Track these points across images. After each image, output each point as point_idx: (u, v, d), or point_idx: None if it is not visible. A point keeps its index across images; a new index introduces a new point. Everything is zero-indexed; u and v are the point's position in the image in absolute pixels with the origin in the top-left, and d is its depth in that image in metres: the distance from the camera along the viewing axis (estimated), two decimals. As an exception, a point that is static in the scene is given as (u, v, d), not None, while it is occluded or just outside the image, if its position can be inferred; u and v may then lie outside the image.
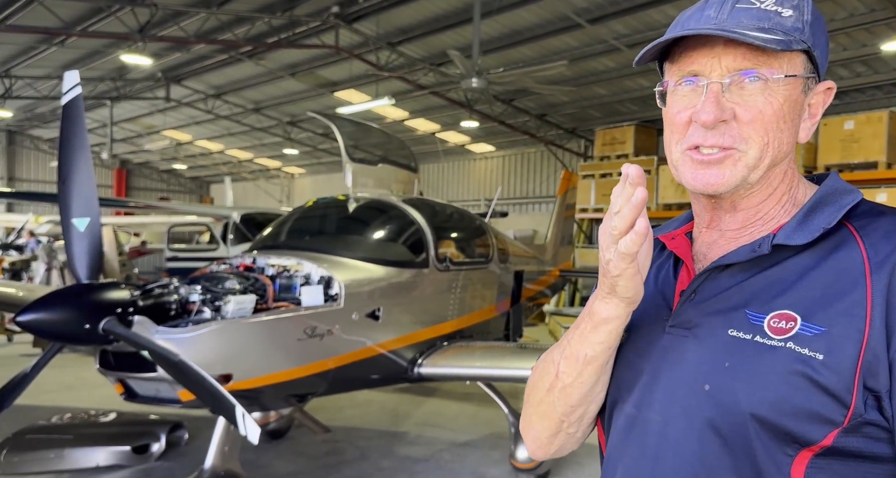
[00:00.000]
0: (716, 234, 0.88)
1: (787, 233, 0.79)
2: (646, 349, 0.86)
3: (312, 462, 4.59)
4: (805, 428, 0.72)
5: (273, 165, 24.56)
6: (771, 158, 0.80)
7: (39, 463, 4.26)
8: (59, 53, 13.25)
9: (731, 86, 0.78)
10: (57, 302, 2.42)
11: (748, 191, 0.83)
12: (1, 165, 25.25)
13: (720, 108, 0.77)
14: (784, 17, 0.78)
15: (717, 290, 0.82)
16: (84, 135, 2.73)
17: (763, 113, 0.78)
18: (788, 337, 0.74)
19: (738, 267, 0.82)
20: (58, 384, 6.56)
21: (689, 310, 0.84)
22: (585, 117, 14.22)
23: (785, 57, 0.78)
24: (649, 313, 0.88)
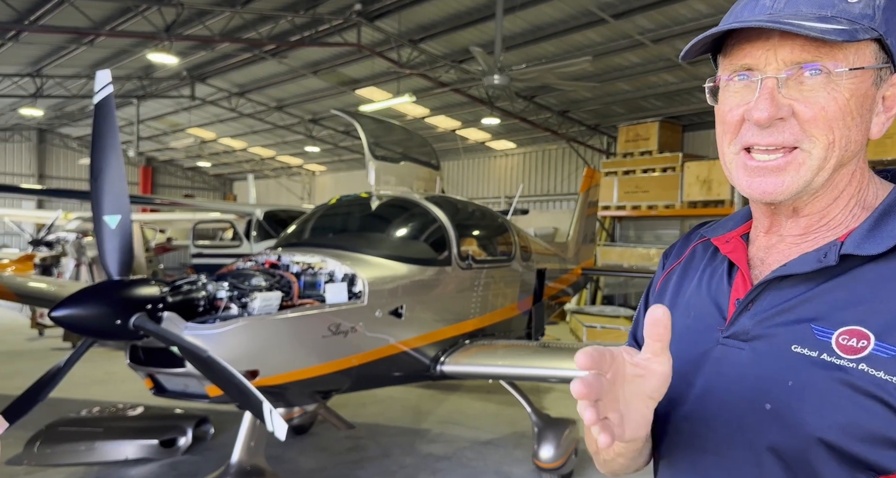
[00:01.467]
0: (775, 238, 0.82)
1: (856, 241, 0.73)
2: (697, 360, 0.80)
3: (335, 458, 4.63)
4: (879, 455, 0.66)
5: (295, 162, 24.78)
6: (837, 159, 0.73)
7: (72, 455, 4.36)
8: (87, 53, 13.53)
9: (788, 81, 0.71)
10: (89, 298, 2.46)
11: (812, 196, 0.76)
12: (32, 162, 25.90)
13: (775, 106, 0.71)
14: (851, 4, 0.71)
15: (779, 301, 0.76)
16: (116, 133, 2.77)
17: (826, 109, 0.71)
18: (861, 357, 0.68)
19: (801, 277, 0.75)
20: (87, 378, 6.70)
21: (746, 321, 0.77)
22: (608, 113, 14.07)
23: (851, 48, 0.71)
24: (701, 322, 0.82)
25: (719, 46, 0.79)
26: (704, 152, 12.86)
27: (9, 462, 4.27)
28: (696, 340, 0.82)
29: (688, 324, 0.84)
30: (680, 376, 0.80)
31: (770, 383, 0.73)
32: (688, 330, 0.83)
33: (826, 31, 0.68)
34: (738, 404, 0.74)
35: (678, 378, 0.80)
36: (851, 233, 0.75)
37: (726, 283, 0.83)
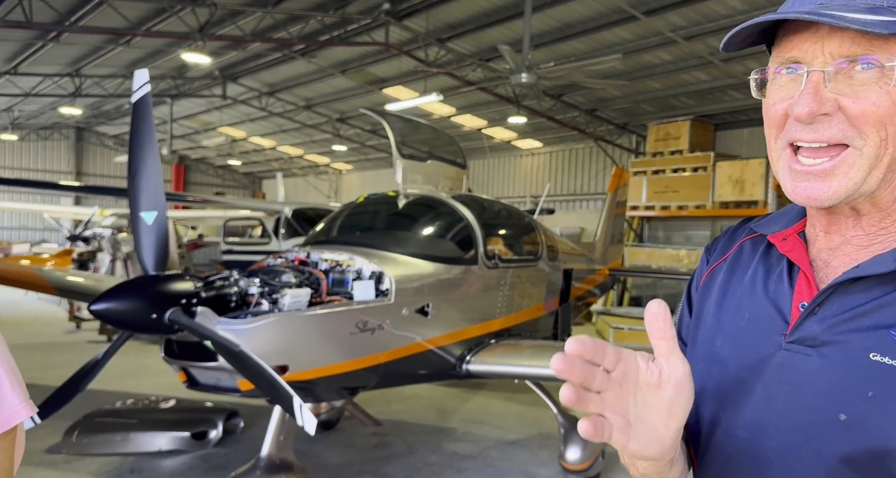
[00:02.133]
0: (838, 239, 0.77)
1: None
2: (756, 365, 0.75)
3: (362, 454, 4.67)
4: None
5: (322, 161, 25.06)
6: (892, 157, 0.68)
7: (107, 445, 4.48)
8: (124, 53, 13.89)
9: (837, 75, 0.68)
10: (127, 292, 2.54)
11: (868, 196, 0.71)
12: (70, 160, 26.73)
13: (818, 101, 0.68)
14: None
15: (851, 305, 0.71)
16: (152, 131, 2.84)
17: (878, 105, 0.66)
18: None
19: (875, 279, 0.70)
20: (122, 371, 6.88)
21: (814, 326, 0.72)
22: (638, 112, 13.89)
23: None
24: (758, 324, 0.78)
25: (772, 38, 0.75)
26: (737, 152, 12.60)
27: (48, 451, 4.42)
28: (754, 344, 0.77)
29: (742, 326, 0.79)
30: (736, 382, 0.77)
31: (846, 392, 0.68)
32: (744, 332, 0.79)
33: (872, 24, 0.64)
34: (807, 413, 0.70)
35: (734, 384, 0.77)
36: None
37: (787, 284, 0.78)
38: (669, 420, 0.64)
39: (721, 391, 0.78)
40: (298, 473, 3.51)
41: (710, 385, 0.80)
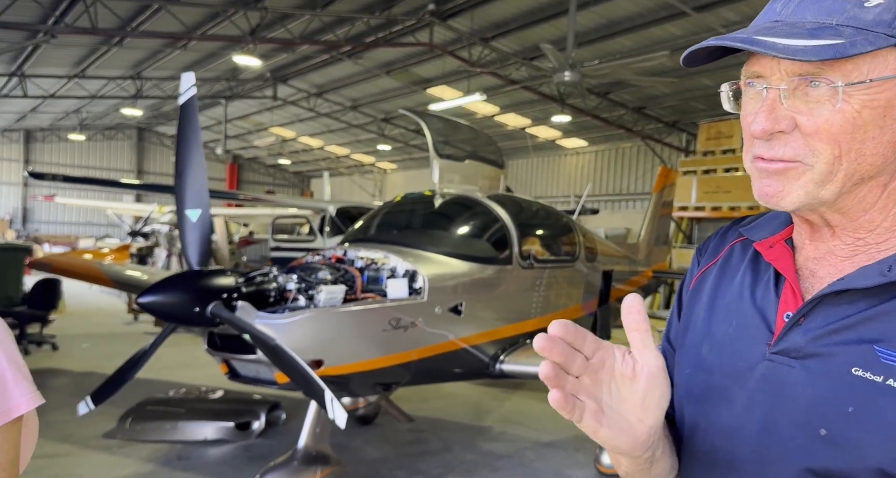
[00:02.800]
0: (822, 247, 0.75)
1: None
2: (740, 374, 0.75)
3: (398, 450, 4.74)
4: None
5: (367, 160, 25.45)
6: (847, 173, 0.67)
7: (158, 432, 4.70)
8: (181, 56, 14.49)
9: (794, 91, 0.67)
10: (171, 286, 2.66)
11: (831, 208, 0.71)
12: (132, 159, 28.08)
13: (773, 119, 0.67)
14: (866, 9, 0.65)
15: (835, 318, 0.70)
16: (198, 132, 2.96)
17: (830, 123, 0.66)
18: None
19: (860, 292, 0.69)
20: (175, 362, 7.19)
21: (799, 337, 0.71)
22: (688, 110, 13.51)
23: (866, 57, 0.64)
24: (744, 332, 0.77)
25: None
26: (793, 150, 12.07)
27: (105, 435, 4.67)
28: (739, 353, 0.76)
29: (730, 333, 0.78)
30: (719, 390, 0.77)
31: (826, 407, 0.67)
32: (730, 340, 0.78)
33: (801, 51, 0.63)
34: (787, 425, 0.70)
35: (717, 391, 0.77)
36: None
37: (773, 293, 0.77)
38: (643, 414, 0.65)
39: (704, 397, 0.78)
40: (334, 465, 3.60)
41: (694, 391, 0.80)
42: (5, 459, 0.71)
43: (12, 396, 0.72)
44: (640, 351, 0.64)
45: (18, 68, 14.75)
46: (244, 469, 4.12)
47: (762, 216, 0.85)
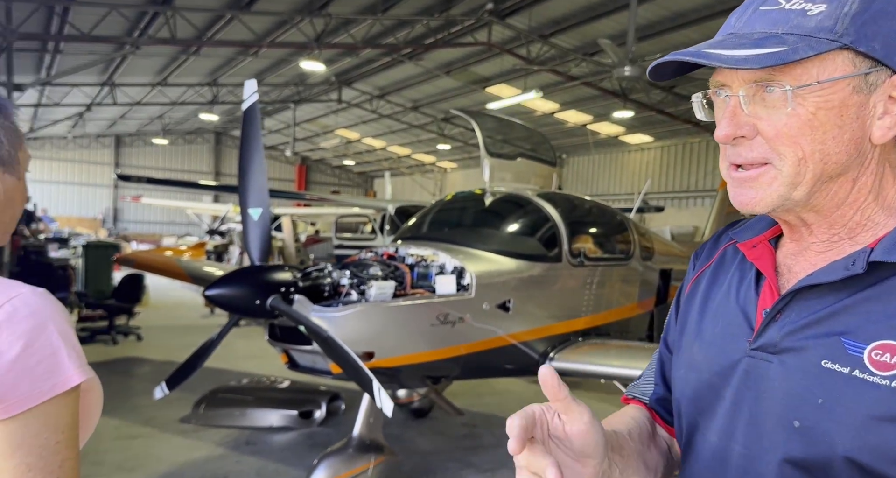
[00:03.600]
0: (801, 244, 0.78)
1: (886, 248, 0.68)
2: (726, 372, 0.78)
3: (451, 443, 4.84)
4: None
5: (428, 160, 25.75)
6: (814, 173, 0.70)
7: (228, 418, 5.01)
8: (253, 63, 15.22)
9: (754, 97, 0.70)
10: (234, 280, 2.87)
11: (805, 207, 0.73)
12: (210, 161, 29.70)
13: (735, 125, 0.71)
14: (808, 17, 0.68)
15: (807, 312, 0.72)
16: (259, 136, 3.16)
17: (788, 126, 0.69)
18: (894, 374, 0.65)
19: (829, 287, 0.71)
20: (245, 352, 7.60)
21: (774, 333, 0.74)
22: (759, 103, 12.88)
23: (813, 61, 0.67)
24: (728, 331, 0.80)
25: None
26: (879, 142, 11.28)
27: (181, 420, 5.03)
28: (725, 351, 0.79)
29: (717, 333, 0.81)
30: (710, 388, 0.79)
31: (799, 399, 0.70)
32: (717, 339, 0.81)
33: (743, 60, 0.66)
34: (766, 419, 0.72)
35: (708, 390, 0.79)
36: (882, 239, 0.71)
37: (754, 291, 0.79)
38: (585, 461, 0.68)
39: (698, 397, 0.81)
40: (387, 454, 3.74)
41: (688, 391, 0.83)
42: (64, 423, 0.81)
43: (65, 368, 0.81)
44: (567, 415, 0.67)
45: (109, 78, 15.96)
46: (305, 455, 4.33)
47: (752, 219, 0.87)
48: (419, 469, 4.24)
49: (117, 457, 4.23)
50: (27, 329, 0.79)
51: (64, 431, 0.81)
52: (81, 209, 27.29)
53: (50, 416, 0.80)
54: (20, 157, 0.95)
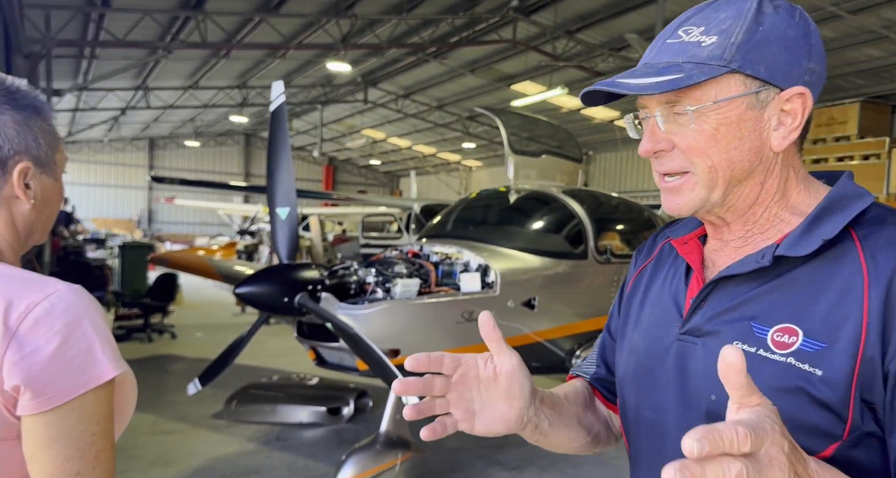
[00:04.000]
0: (723, 241, 0.89)
1: (789, 244, 0.78)
2: (660, 355, 0.88)
3: (478, 441, 4.84)
4: (804, 441, 0.69)
5: (453, 158, 25.76)
6: (725, 178, 0.81)
7: (259, 414, 5.10)
8: (281, 65, 15.44)
9: (669, 117, 0.81)
10: (264, 279, 2.93)
11: (723, 207, 0.83)
12: (240, 163, 30.23)
13: (653, 141, 0.83)
14: (702, 47, 0.79)
15: (725, 300, 0.82)
16: (287, 137, 3.21)
17: (696, 140, 0.80)
18: (790, 352, 0.74)
19: (744, 277, 0.81)
20: (276, 350, 7.74)
21: (699, 319, 0.84)
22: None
23: (710, 84, 0.78)
24: (662, 318, 0.90)
25: None
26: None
27: (214, 415, 5.15)
28: (659, 337, 0.89)
29: (652, 321, 0.91)
30: (646, 370, 0.89)
31: (715, 376, 0.73)
32: (653, 326, 0.91)
33: (645, 87, 0.78)
34: (692, 395, 0.82)
35: (645, 371, 0.89)
36: (786, 236, 0.80)
37: (683, 283, 0.90)
38: (511, 402, 0.80)
39: (637, 378, 0.91)
40: (414, 451, 3.77)
41: (629, 373, 0.93)
42: (99, 415, 0.84)
43: (100, 362, 0.84)
44: (498, 356, 0.79)
45: (143, 82, 16.38)
46: (334, 451, 4.39)
47: (686, 219, 0.97)
48: (446, 466, 4.26)
49: (153, 452, 4.35)
50: (64, 325, 0.82)
51: (99, 423, 0.84)
52: (117, 211, 28.06)
53: (86, 408, 0.83)
54: (57, 158, 0.99)
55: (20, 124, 0.92)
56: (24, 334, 0.81)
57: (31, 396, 0.80)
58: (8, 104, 0.91)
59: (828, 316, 0.74)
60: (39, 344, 0.81)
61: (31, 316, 0.81)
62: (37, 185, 0.95)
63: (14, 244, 0.95)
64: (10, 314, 0.81)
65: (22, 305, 0.82)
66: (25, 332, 0.81)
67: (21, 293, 0.83)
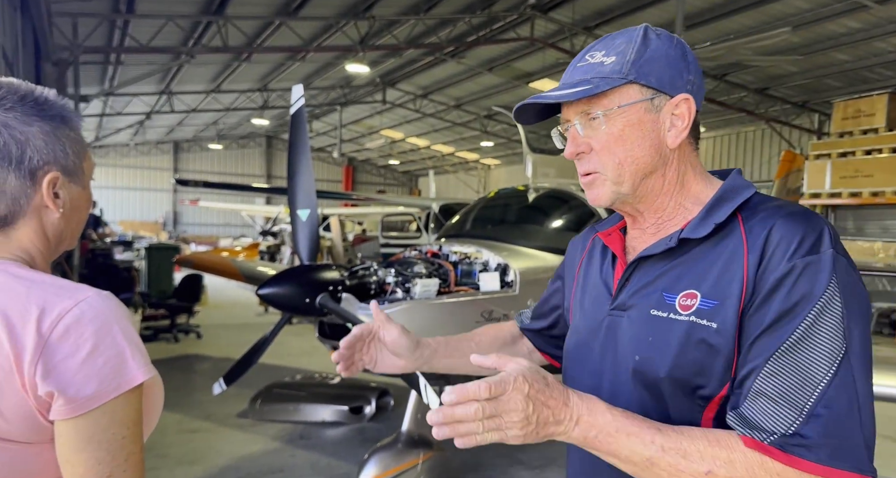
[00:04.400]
0: (640, 230, 1.06)
1: (691, 228, 0.96)
2: (594, 330, 1.05)
3: (498, 440, 4.85)
4: (707, 383, 0.90)
5: (471, 157, 25.72)
6: (630, 172, 0.98)
7: (282, 413, 5.17)
8: (300, 68, 15.59)
9: (585, 125, 0.99)
10: (285, 280, 2.96)
11: (635, 198, 1.01)
12: (262, 165, 30.60)
13: (575, 145, 1.01)
14: (605, 66, 0.97)
15: (644, 277, 1.00)
16: (306, 139, 3.23)
17: (608, 140, 0.98)
18: (692, 312, 0.92)
19: (657, 257, 0.99)
20: (298, 349, 7.83)
21: (624, 296, 1.02)
22: (820, 88, 12.26)
23: (615, 93, 0.97)
24: (597, 300, 1.08)
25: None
26: (953, 126, 10.55)
27: (239, 415, 5.23)
28: (594, 315, 1.07)
29: (590, 304, 1.10)
30: (584, 343, 1.07)
31: (637, 340, 0.97)
32: (589, 308, 1.10)
33: (558, 97, 0.98)
34: (622, 360, 0.99)
35: (583, 345, 1.08)
36: (689, 222, 0.98)
37: (611, 268, 1.09)
38: (397, 358, 1.22)
39: (578, 351, 1.09)
40: (436, 450, 3.78)
41: (571, 348, 1.12)
42: (129, 419, 0.86)
43: (130, 368, 0.86)
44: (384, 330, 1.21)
45: (167, 87, 16.67)
46: (357, 450, 4.43)
47: (610, 216, 1.17)
48: (468, 465, 4.27)
49: (179, 450, 4.44)
50: (94, 331, 0.84)
51: (129, 426, 0.86)
52: (144, 213, 28.60)
53: (116, 412, 0.85)
54: (85, 166, 1.01)
55: (48, 135, 0.94)
56: (56, 341, 0.83)
57: (64, 401, 0.82)
58: (37, 115, 0.93)
59: (719, 279, 0.91)
60: (71, 350, 0.83)
61: (62, 323, 0.84)
62: (65, 194, 0.97)
63: (45, 252, 0.98)
64: (43, 321, 0.83)
65: (54, 311, 0.84)
66: (57, 339, 0.83)
67: (53, 300, 0.86)
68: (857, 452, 0.80)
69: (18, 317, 0.84)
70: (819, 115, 13.43)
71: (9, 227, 0.94)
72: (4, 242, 0.94)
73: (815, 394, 0.80)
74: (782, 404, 0.81)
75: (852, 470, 0.79)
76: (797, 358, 0.82)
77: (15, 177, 0.91)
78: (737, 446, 0.82)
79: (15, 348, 0.82)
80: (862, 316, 0.85)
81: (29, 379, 0.82)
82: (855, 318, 0.84)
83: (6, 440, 0.84)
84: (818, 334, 0.82)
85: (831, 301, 0.83)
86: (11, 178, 0.91)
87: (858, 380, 0.82)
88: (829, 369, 0.81)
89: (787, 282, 0.85)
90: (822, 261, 0.85)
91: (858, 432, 0.80)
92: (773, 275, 0.86)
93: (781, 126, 13.89)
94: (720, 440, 0.82)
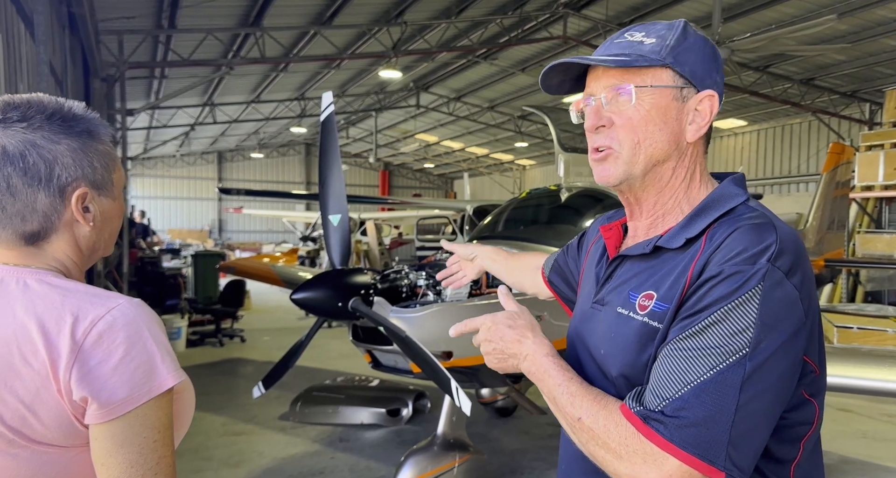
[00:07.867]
0: (635, 227, 1.09)
1: (667, 238, 0.99)
2: (582, 319, 1.13)
3: (536, 442, 4.80)
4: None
5: (506, 158, 25.60)
6: (646, 155, 0.99)
7: (322, 416, 5.25)
8: (336, 75, 15.84)
9: (611, 99, 1.00)
10: (317, 284, 3.00)
11: (642, 184, 1.03)
12: (301, 172, 31.22)
13: (598, 117, 1.01)
14: (644, 45, 0.99)
15: (623, 275, 1.05)
16: (337, 145, 3.27)
17: (632, 118, 0.98)
18: (646, 313, 0.96)
19: (636, 258, 1.04)
20: (337, 353, 7.93)
21: (604, 291, 1.08)
22: (871, 77, 11.73)
23: (649, 73, 0.98)
24: (589, 292, 1.14)
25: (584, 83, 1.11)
26: None
27: (280, 418, 5.34)
28: (584, 306, 1.14)
29: (584, 294, 1.16)
30: (576, 332, 1.13)
31: (603, 335, 1.03)
32: (583, 298, 1.16)
33: (608, 61, 0.98)
34: (593, 351, 1.05)
35: (574, 333, 1.14)
36: (669, 230, 1.00)
37: (603, 261, 1.14)
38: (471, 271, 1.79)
39: (576, 336, 1.15)
40: (472, 453, 3.77)
41: (572, 332, 1.17)
42: (160, 423, 0.89)
43: (160, 373, 0.89)
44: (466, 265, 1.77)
45: (209, 99, 17.20)
46: (394, 452, 4.46)
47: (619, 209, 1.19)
48: (505, 469, 4.24)
49: (224, 452, 4.56)
50: (125, 337, 0.87)
51: (160, 430, 0.89)
52: (190, 222, 29.55)
53: (148, 417, 0.87)
54: (114, 178, 1.04)
55: (76, 152, 0.97)
56: (90, 348, 0.86)
57: (98, 406, 0.85)
58: (64, 133, 0.96)
59: (673, 283, 0.94)
60: (104, 356, 0.86)
61: (95, 330, 0.87)
62: (95, 207, 1.00)
63: (79, 262, 1.02)
64: (77, 328, 0.87)
65: (87, 319, 0.88)
66: (91, 345, 0.86)
67: (86, 308, 0.89)
68: (716, 446, 0.82)
69: (54, 324, 0.87)
70: (871, 104, 12.83)
71: (43, 241, 0.98)
72: (40, 254, 0.98)
73: (693, 383, 0.84)
74: (662, 385, 0.87)
75: (702, 458, 0.81)
76: (689, 347, 0.87)
77: (45, 195, 0.95)
78: (613, 408, 0.90)
79: (51, 355, 0.86)
80: (781, 333, 0.85)
81: (64, 384, 0.86)
82: (770, 333, 0.84)
83: (44, 444, 0.88)
84: (717, 332, 0.85)
85: (742, 306, 0.85)
86: (41, 196, 0.95)
87: (749, 388, 0.83)
88: (716, 366, 0.84)
89: (709, 283, 0.88)
90: (750, 272, 0.86)
91: (726, 430, 0.82)
92: (702, 277, 0.90)
93: (829, 117, 13.33)
94: (606, 401, 0.92)
